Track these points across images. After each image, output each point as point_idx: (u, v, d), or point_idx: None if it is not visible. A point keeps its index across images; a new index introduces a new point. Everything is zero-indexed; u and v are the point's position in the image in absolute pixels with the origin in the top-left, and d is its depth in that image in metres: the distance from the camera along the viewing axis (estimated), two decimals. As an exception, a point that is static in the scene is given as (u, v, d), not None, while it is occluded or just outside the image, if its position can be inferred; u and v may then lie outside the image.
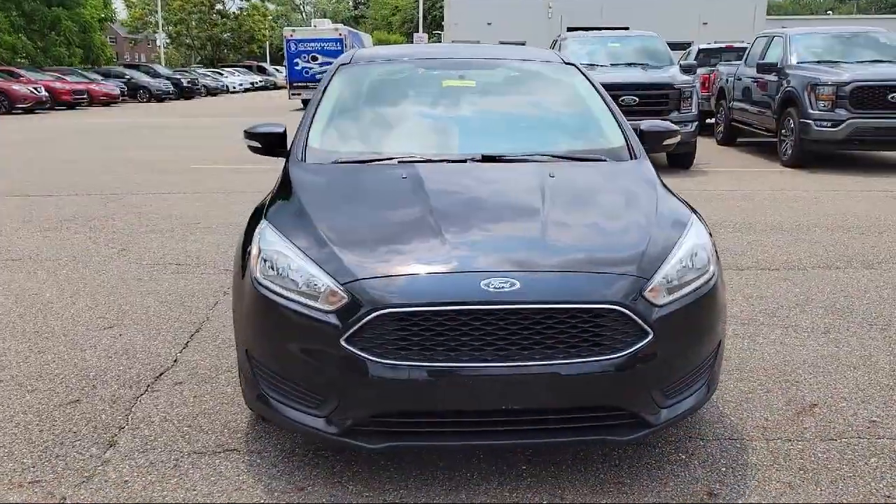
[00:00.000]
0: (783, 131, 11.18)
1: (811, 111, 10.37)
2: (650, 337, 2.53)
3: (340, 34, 27.98)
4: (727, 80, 13.76)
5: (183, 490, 2.72)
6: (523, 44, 44.40)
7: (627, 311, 2.51)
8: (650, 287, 2.58)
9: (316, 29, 29.08)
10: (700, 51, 17.91)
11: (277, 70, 59.70)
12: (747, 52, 13.59)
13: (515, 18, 44.51)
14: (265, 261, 2.75)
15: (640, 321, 2.52)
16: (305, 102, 28.52)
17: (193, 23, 60.08)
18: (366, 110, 3.94)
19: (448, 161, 3.40)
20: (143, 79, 36.55)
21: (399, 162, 3.39)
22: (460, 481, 2.76)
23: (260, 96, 41.36)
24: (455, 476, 2.79)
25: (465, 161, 3.40)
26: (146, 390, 3.54)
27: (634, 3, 44.66)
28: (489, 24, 44.54)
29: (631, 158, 3.54)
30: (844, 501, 2.65)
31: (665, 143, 3.84)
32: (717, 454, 2.96)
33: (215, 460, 2.91)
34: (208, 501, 2.65)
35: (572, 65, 4.29)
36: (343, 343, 2.50)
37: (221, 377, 3.70)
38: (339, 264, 2.62)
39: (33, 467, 2.86)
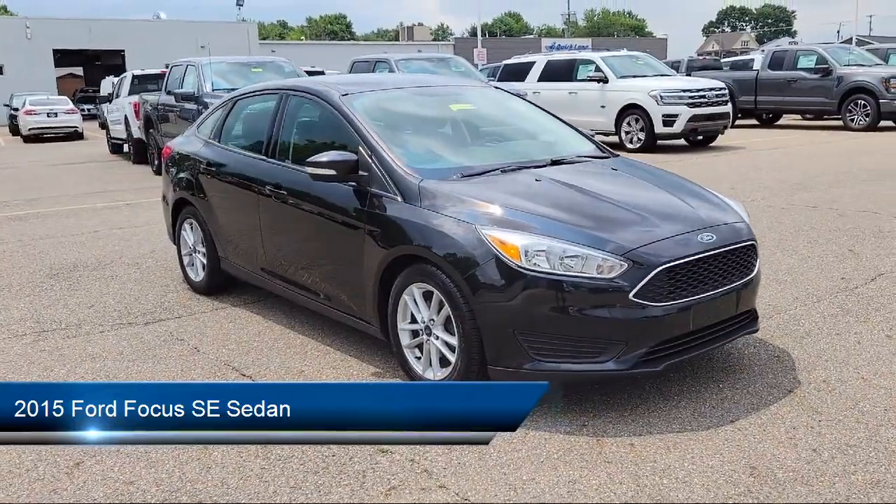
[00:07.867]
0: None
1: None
2: (759, 259, 3.97)
3: None
4: (150, 109, 13.34)
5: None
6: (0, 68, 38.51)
7: (755, 243, 3.91)
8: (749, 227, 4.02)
9: None
10: (135, 77, 16.95)
11: None
12: (165, 80, 13.43)
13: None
14: (526, 252, 3.36)
15: (757, 248, 3.94)
16: None
17: None
18: (412, 132, 4.42)
19: (535, 167, 4.18)
20: None
21: (502, 172, 4.10)
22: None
23: None
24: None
25: (544, 166, 4.25)
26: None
27: (126, 26, 43.29)
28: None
29: (609, 154, 4.80)
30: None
31: None
32: (752, 339, 4.42)
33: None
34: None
35: (499, 87, 5.37)
36: (633, 298, 3.36)
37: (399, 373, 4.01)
38: (605, 241, 3.42)
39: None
